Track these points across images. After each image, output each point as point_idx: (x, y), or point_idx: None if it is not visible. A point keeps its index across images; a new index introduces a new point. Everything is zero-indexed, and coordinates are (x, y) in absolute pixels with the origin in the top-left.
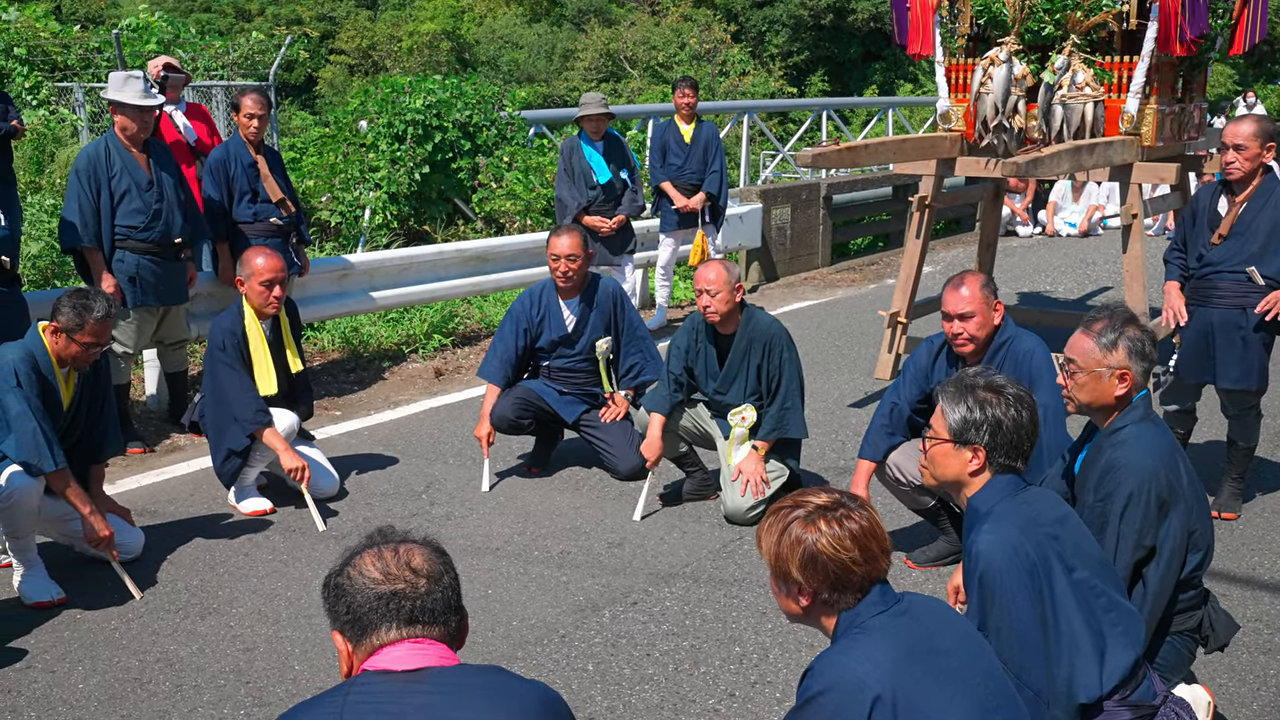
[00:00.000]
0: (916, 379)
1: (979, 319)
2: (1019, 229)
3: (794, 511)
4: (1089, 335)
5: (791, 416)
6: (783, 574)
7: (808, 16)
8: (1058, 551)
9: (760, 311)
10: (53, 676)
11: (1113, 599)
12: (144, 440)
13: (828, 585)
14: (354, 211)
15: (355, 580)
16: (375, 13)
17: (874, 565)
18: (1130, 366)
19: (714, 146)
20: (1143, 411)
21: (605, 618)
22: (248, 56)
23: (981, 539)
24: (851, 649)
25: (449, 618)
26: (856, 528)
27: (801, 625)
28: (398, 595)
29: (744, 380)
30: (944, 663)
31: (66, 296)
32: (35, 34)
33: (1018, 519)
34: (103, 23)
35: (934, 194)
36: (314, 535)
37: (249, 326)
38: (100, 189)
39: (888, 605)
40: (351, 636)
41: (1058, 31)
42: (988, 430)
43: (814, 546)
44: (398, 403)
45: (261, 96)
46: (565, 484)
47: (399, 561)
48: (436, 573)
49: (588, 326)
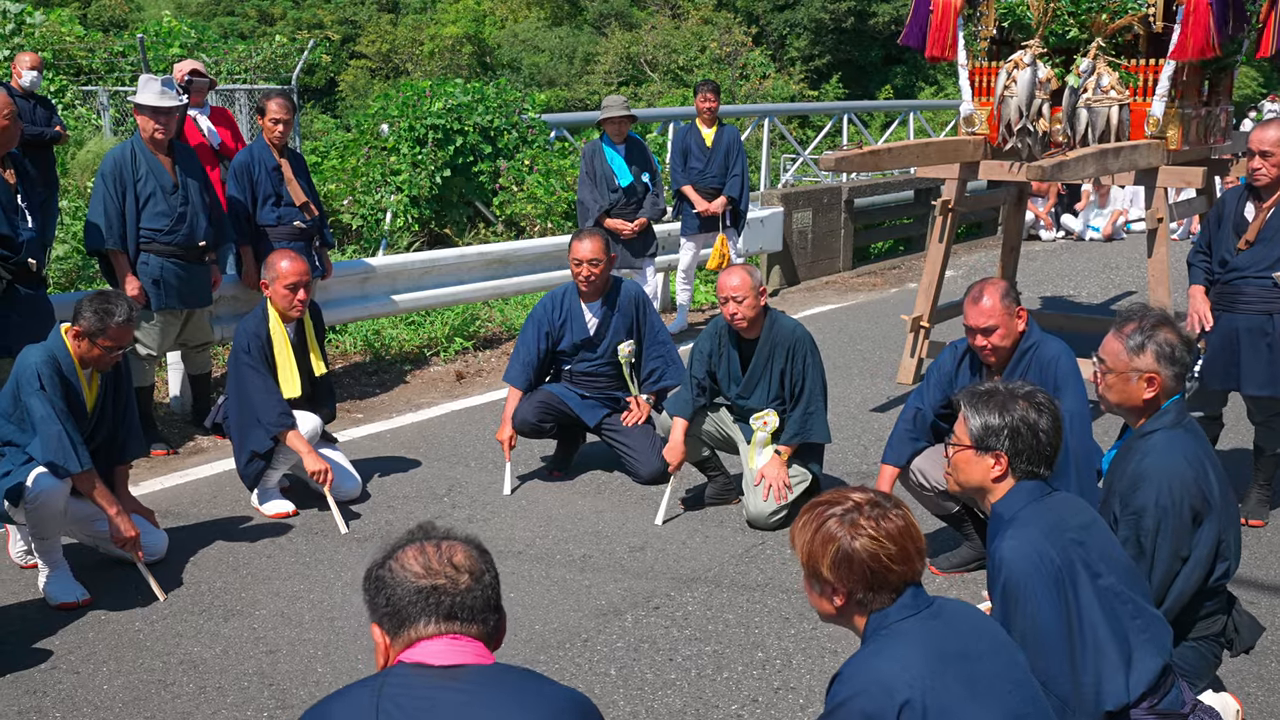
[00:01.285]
0: (940, 384)
1: (1002, 330)
2: (1041, 233)
3: (830, 509)
4: (1119, 337)
5: (815, 421)
6: (814, 572)
7: (829, 20)
8: (1083, 557)
9: (783, 315)
10: (78, 677)
11: (1139, 605)
12: (167, 442)
13: (863, 585)
14: (375, 214)
15: (396, 573)
16: (397, 16)
17: (909, 566)
18: (1158, 370)
19: (735, 150)
20: (1174, 417)
21: (627, 622)
22: (270, 60)
23: (1005, 545)
24: (881, 652)
25: (488, 616)
26: (893, 527)
27: (833, 625)
28: (438, 590)
29: (767, 385)
30: (975, 669)
31: (88, 300)
32: (61, 38)
33: (1042, 524)
34: (126, 27)
35: (957, 198)
36: (336, 538)
37: (273, 329)
38: (125, 192)
39: (919, 608)
40: (389, 629)
41: (1083, 34)
42: (1008, 436)
43: (849, 546)
44: (419, 406)
45: (286, 101)
46: (587, 488)
47: (441, 557)
48: (478, 570)
49: (609, 330)
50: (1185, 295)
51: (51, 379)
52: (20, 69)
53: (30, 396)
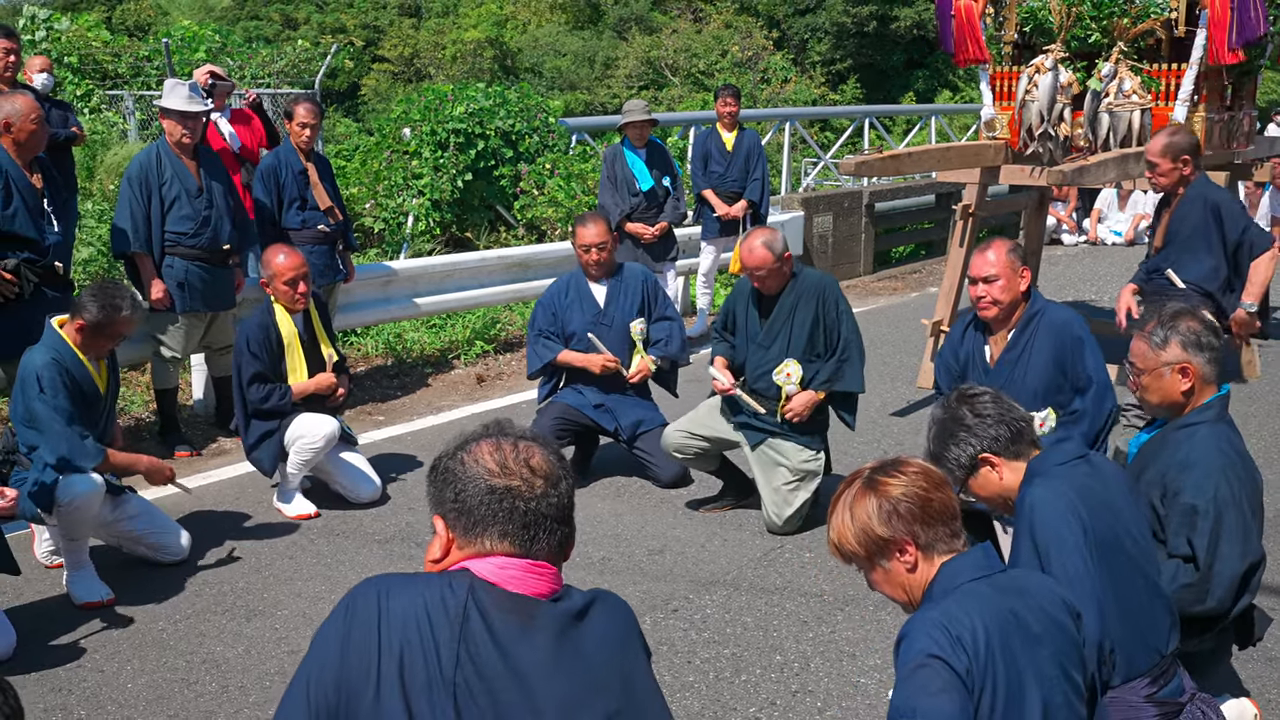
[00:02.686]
0: (949, 354)
1: (1003, 282)
2: (1064, 237)
3: (848, 489)
4: (1142, 338)
5: (850, 369)
6: (874, 544)
7: (850, 24)
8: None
9: (809, 268)
10: (102, 676)
11: (1151, 581)
12: (191, 444)
13: (920, 524)
14: (397, 218)
15: (470, 467)
16: (419, 21)
17: (944, 491)
18: (1189, 359)
19: (756, 154)
20: (1218, 412)
21: (646, 624)
22: (294, 64)
23: (1033, 491)
24: (945, 610)
25: (560, 529)
26: (914, 468)
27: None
28: (511, 492)
29: (787, 335)
30: (1033, 653)
31: (90, 295)
32: (87, 43)
33: (1072, 479)
34: (150, 31)
35: (978, 202)
36: (358, 540)
37: (280, 321)
38: (151, 195)
39: (992, 570)
40: (456, 526)
41: (1105, 39)
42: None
43: (887, 497)
44: (440, 408)
45: (314, 106)
46: (606, 491)
47: (518, 457)
48: (555, 476)
49: (618, 305)
50: None
51: (52, 380)
52: (31, 73)
53: (32, 402)
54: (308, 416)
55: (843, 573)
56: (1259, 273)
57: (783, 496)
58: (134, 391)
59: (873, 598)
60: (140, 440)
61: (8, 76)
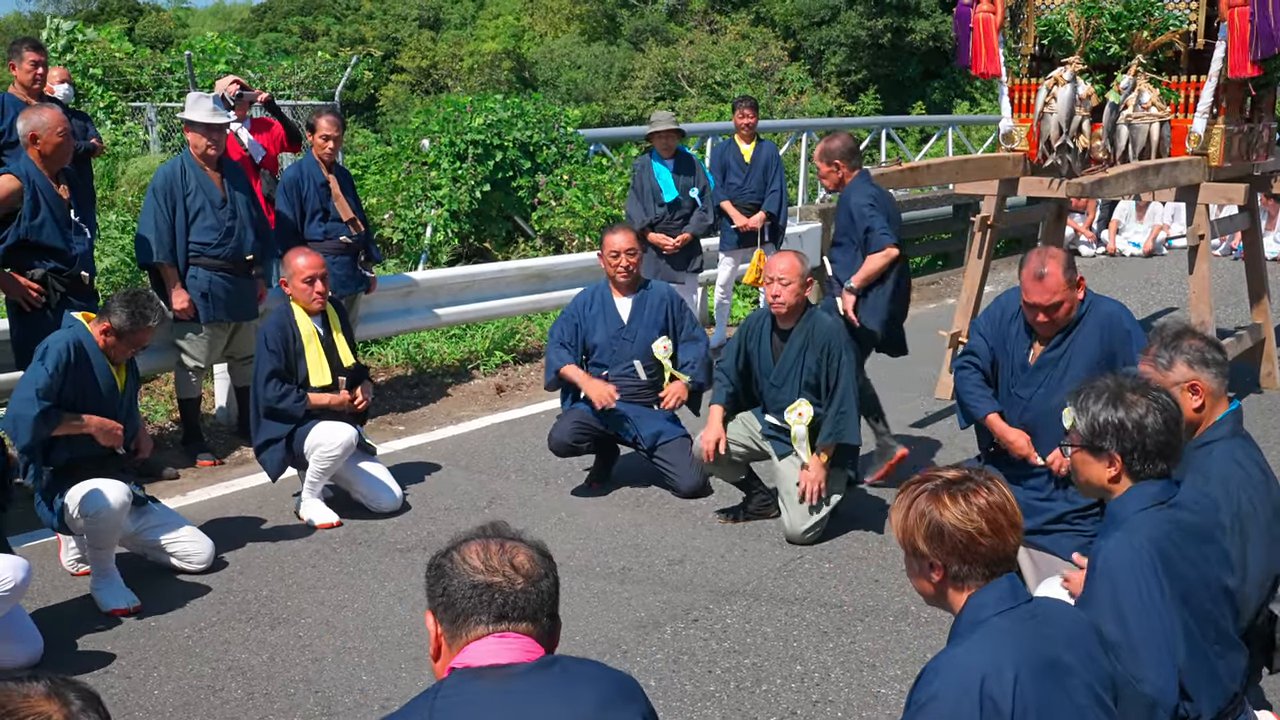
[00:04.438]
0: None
1: (1066, 305)
2: (1082, 248)
3: (921, 486)
4: (1148, 361)
5: (848, 422)
6: (912, 548)
7: (866, 36)
8: (1186, 574)
9: (823, 313)
10: (129, 682)
11: (1222, 630)
12: (214, 453)
13: (957, 557)
14: (416, 229)
15: (457, 564)
16: (437, 32)
17: (1002, 538)
18: (1197, 376)
19: (774, 166)
20: (1232, 428)
21: (667, 634)
22: (314, 76)
23: (1105, 544)
24: (972, 650)
25: (540, 618)
26: (984, 501)
27: (875, 640)
28: (492, 588)
29: (798, 376)
30: (1064, 681)
31: (120, 300)
32: (110, 55)
33: (1151, 531)
34: (171, 43)
35: (996, 214)
36: (380, 548)
37: (300, 323)
38: (175, 206)
39: (1018, 602)
40: (443, 620)
41: (1123, 51)
42: (1114, 436)
43: (940, 519)
44: (460, 418)
45: (337, 118)
46: (626, 501)
47: (502, 556)
48: (536, 575)
49: (642, 322)
50: (1229, 311)
51: (59, 355)
52: (51, 84)
53: (31, 367)
54: (326, 425)
55: (862, 583)
56: (870, 264)
57: (804, 509)
58: (157, 400)
59: (893, 608)
60: (164, 449)
61: (35, 89)
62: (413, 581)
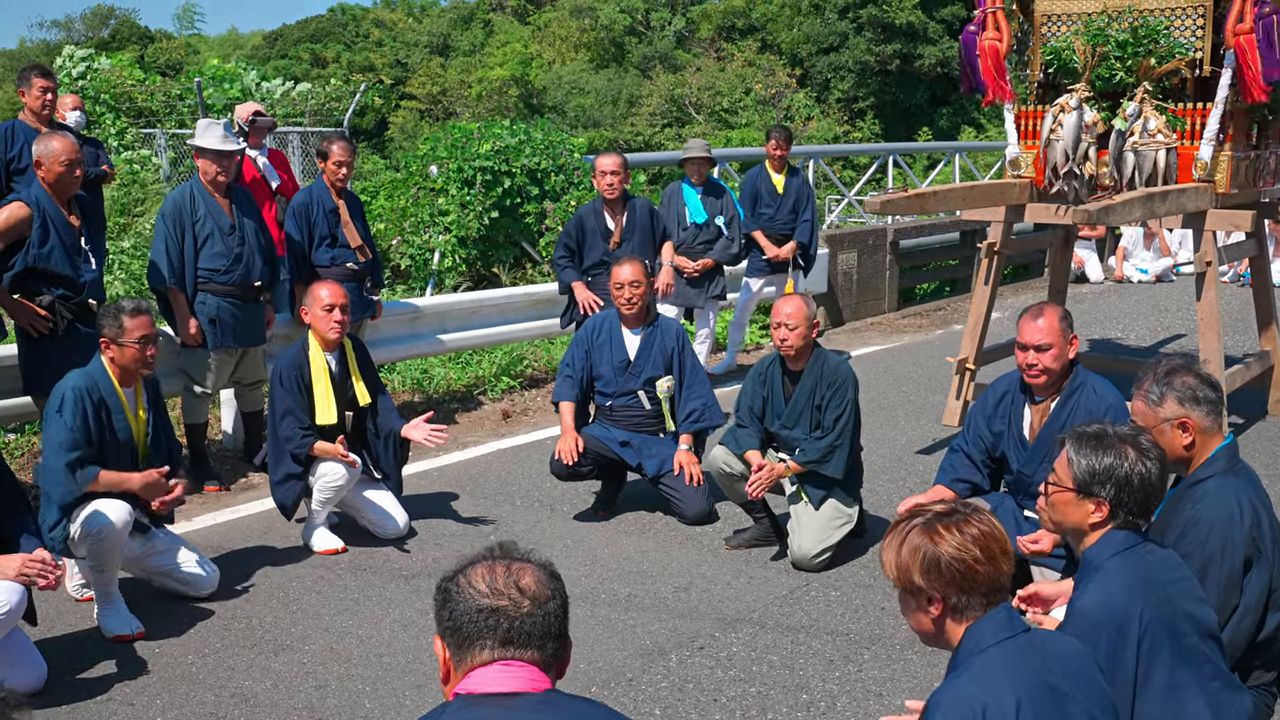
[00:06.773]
0: (978, 422)
1: (1055, 351)
2: (1090, 275)
3: (912, 521)
4: (1139, 396)
5: (837, 456)
6: (908, 585)
7: (874, 63)
8: (1169, 614)
9: (833, 354)
10: (132, 709)
11: (1218, 667)
12: (219, 478)
13: (954, 588)
14: (423, 254)
15: (463, 589)
16: (446, 59)
17: (996, 566)
18: (1188, 414)
19: (805, 197)
20: (1225, 463)
21: (672, 662)
22: (324, 103)
23: (1084, 595)
24: (974, 680)
25: (546, 643)
26: (976, 530)
27: (883, 668)
28: (497, 612)
29: (809, 417)
30: (1063, 710)
31: (99, 315)
32: (123, 82)
33: (1128, 577)
34: (181, 70)
35: (1003, 241)
36: (385, 575)
37: (313, 358)
38: (185, 232)
39: (1015, 631)
40: (450, 644)
41: (1130, 78)
42: (1114, 485)
43: (935, 550)
44: (466, 444)
45: (349, 144)
46: (632, 527)
47: (508, 579)
48: (542, 596)
49: (648, 358)
50: (1237, 338)
51: (75, 401)
52: (63, 111)
53: (49, 419)
54: None
55: (869, 611)
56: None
57: (812, 538)
58: None
59: (899, 637)
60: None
61: (45, 115)
62: (417, 608)
